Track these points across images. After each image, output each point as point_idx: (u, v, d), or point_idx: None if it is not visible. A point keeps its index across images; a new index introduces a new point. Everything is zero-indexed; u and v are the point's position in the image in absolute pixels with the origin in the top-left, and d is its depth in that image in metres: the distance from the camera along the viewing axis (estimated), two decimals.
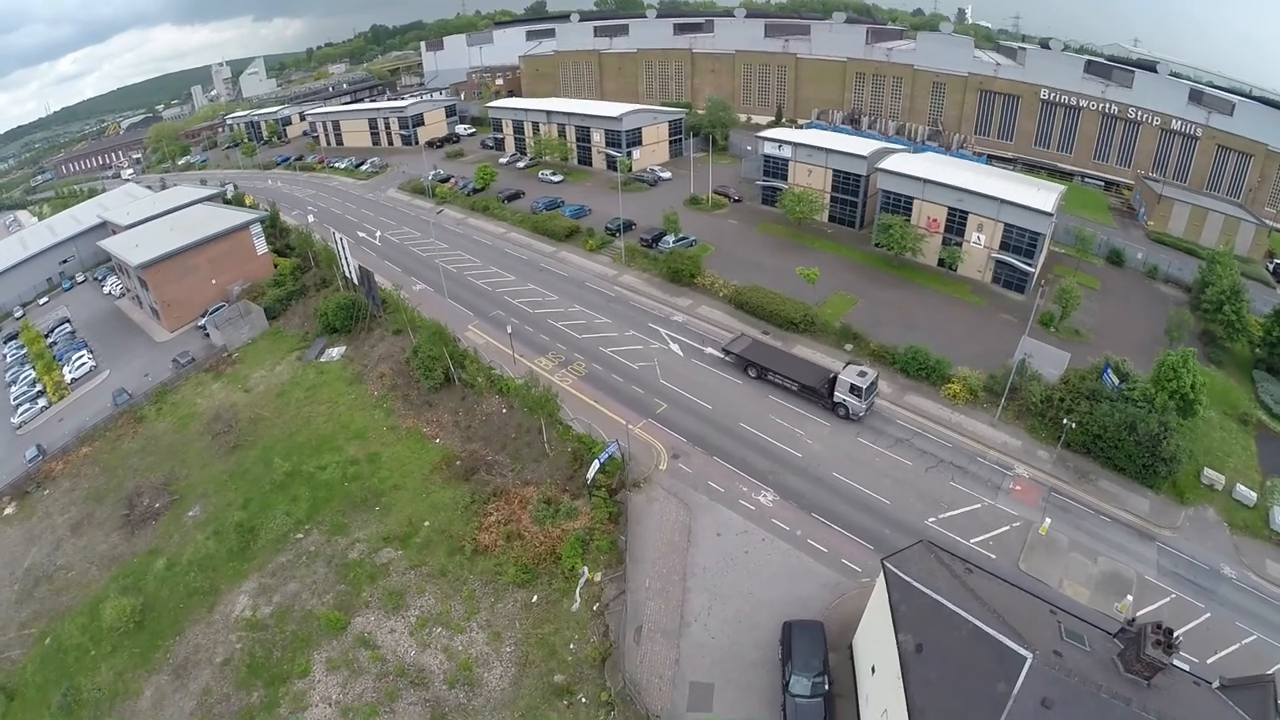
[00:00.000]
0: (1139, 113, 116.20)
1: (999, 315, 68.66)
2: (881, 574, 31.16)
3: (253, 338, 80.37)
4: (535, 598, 41.66)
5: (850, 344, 61.61)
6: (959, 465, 49.29)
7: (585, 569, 42.00)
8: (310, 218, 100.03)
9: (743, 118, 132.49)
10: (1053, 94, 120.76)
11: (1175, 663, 26.07)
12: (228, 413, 65.82)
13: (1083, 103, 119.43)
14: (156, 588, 49.71)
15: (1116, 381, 53.38)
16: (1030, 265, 72.70)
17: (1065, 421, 49.62)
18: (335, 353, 71.89)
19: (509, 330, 59.26)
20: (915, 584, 29.04)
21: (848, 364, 55.58)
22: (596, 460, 45.40)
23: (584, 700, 36.41)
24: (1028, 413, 54.04)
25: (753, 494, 46.39)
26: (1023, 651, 24.40)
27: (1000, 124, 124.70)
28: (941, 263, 77.44)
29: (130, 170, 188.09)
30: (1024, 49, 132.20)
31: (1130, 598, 40.61)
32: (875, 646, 31.76)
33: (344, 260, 76.73)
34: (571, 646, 38.97)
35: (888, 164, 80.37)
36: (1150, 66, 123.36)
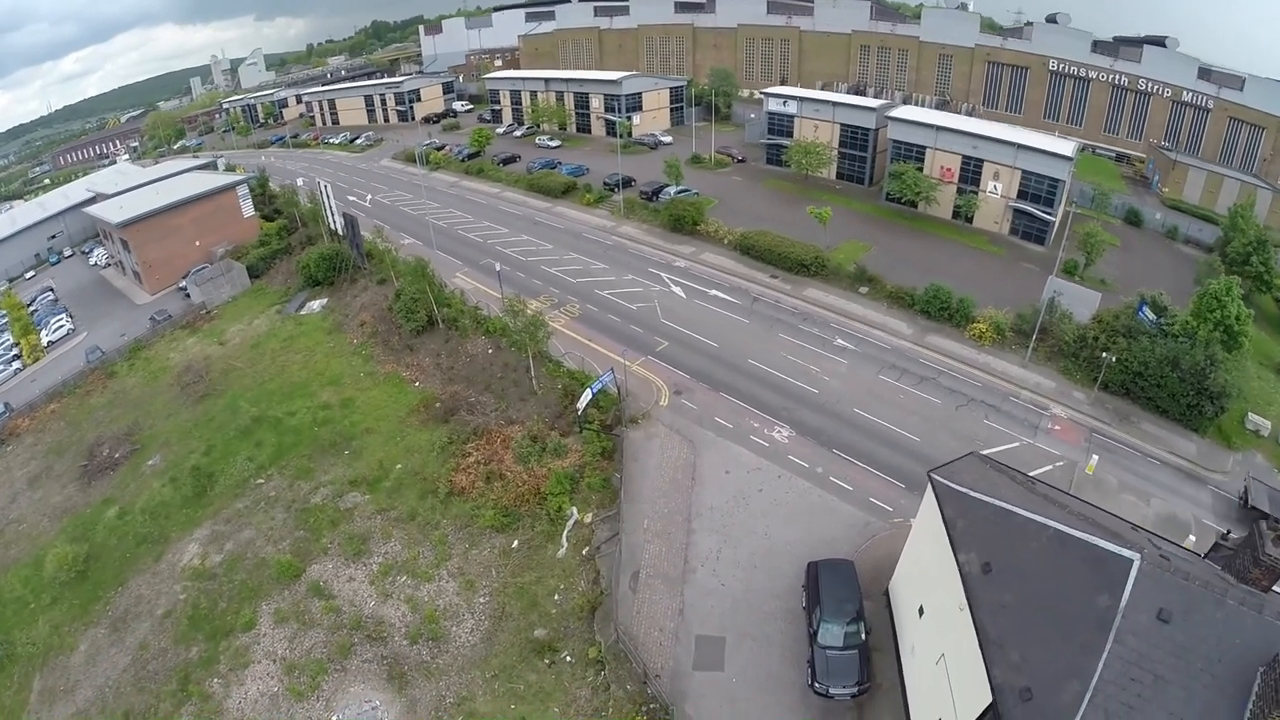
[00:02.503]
0: (1149, 84, 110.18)
1: (1020, 264, 62.54)
2: (929, 488, 24.92)
3: (234, 296, 74.53)
4: (516, 543, 35.36)
5: (865, 286, 55.41)
6: (991, 404, 43.08)
7: (574, 510, 35.70)
8: (300, 181, 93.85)
9: (745, 93, 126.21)
10: (1061, 65, 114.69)
11: None
12: (199, 364, 59.90)
13: (1092, 74, 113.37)
14: (105, 537, 43.77)
15: (1154, 317, 47.59)
16: (1050, 214, 66.63)
17: (1104, 356, 43.55)
18: (316, 305, 65.82)
19: (497, 269, 53.05)
20: (974, 493, 22.79)
21: None
22: (588, 390, 39.13)
23: (569, 658, 30.10)
24: (1060, 354, 47.98)
25: (765, 430, 40.08)
26: (1127, 553, 18.21)
27: (1008, 95, 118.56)
28: (957, 214, 71.15)
29: (126, 156, 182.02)
30: (1030, 24, 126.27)
31: (1193, 538, 34.61)
32: (924, 581, 25.58)
33: (328, 210, 70.75)
34: (556, 597, 32.61)
35: (898, 112, 74.29)
36: (1159, 42, 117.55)
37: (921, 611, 25.05)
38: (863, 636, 27.19)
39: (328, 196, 70.47)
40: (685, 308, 53.44)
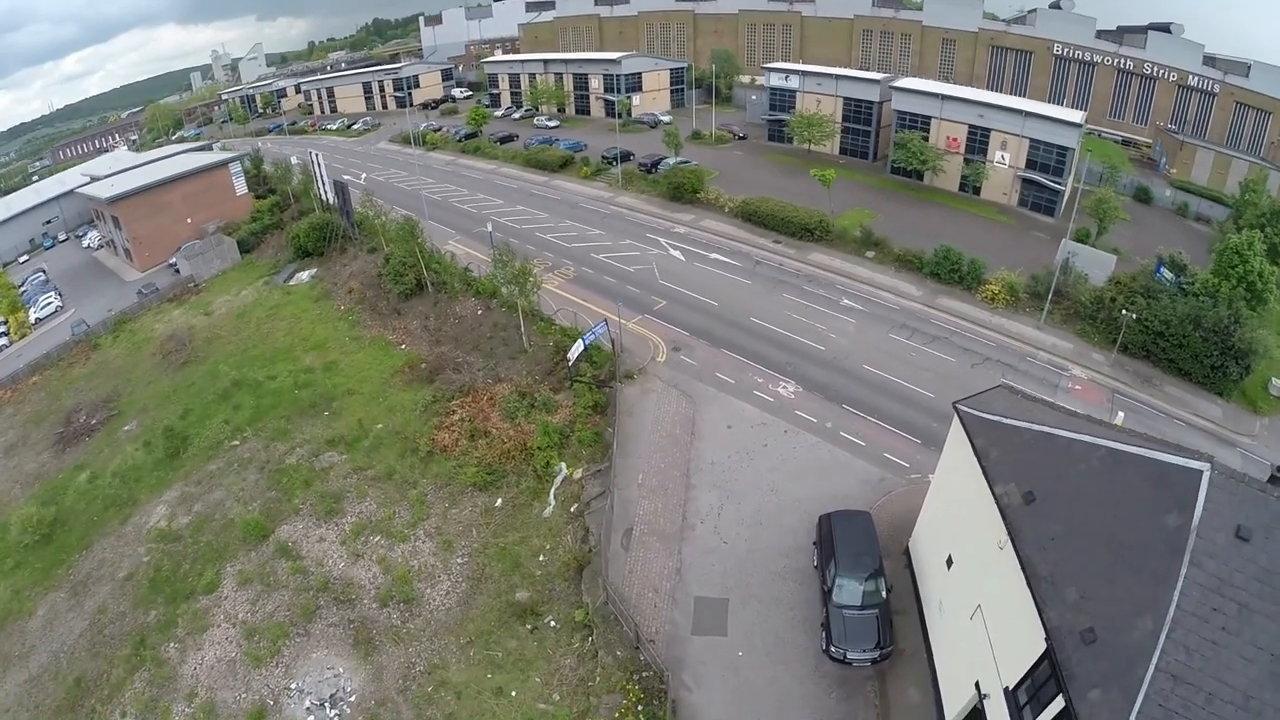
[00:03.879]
0: (1155, 68, 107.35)
1: (1030, 233, 59.64)
2: (954, 421, 22.04)
3: (223, 269, 71.90)
4: (499, 501, 32.34)
5: (872, 250, 52.49)
6: (1007, 364, 40.10)
7: (563, 465, 32.66)
8: (294, 159, 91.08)
9: (747, 78, 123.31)
10: (1066, 49, 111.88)
11: None
12: (183, 333, 57.19)
13: (1097, 58, 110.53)
14: (74, 501, 40.99)
15: (1172, 277, 44.92)
16: (1060, 184, 63.75)
17: (1125, 314, 40.59)
18: (305, 275, 62.94)
19: (488, 229, 50.11)
20: (1009, 420, 19.89)
21: None
22: (580, 341, 36.21)
23: (553, 623, 26.96)
24: (1076, 316, 45.06)
25: (770, 385, 37.08)
26: (1195, 464, 15.32)
27: (1013, 80, 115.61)
28: (964, 187, 68.33)
29: (124, 147, 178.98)
30: (1034, 11, 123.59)
31: None
32: (953, 526, 22.66)
33: (319, 180, 68.07)
34: (541, 558, 29.47)
35: (903, 83, 71.49)
36: (1163, 29, 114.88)
37: (950, 562, 22.07)
38: (883, 594, 23.94)
39: (319, 166, 67.78)
40: (684, 270, 50.50)
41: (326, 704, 25.03)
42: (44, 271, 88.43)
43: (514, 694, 24.92)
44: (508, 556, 29.66)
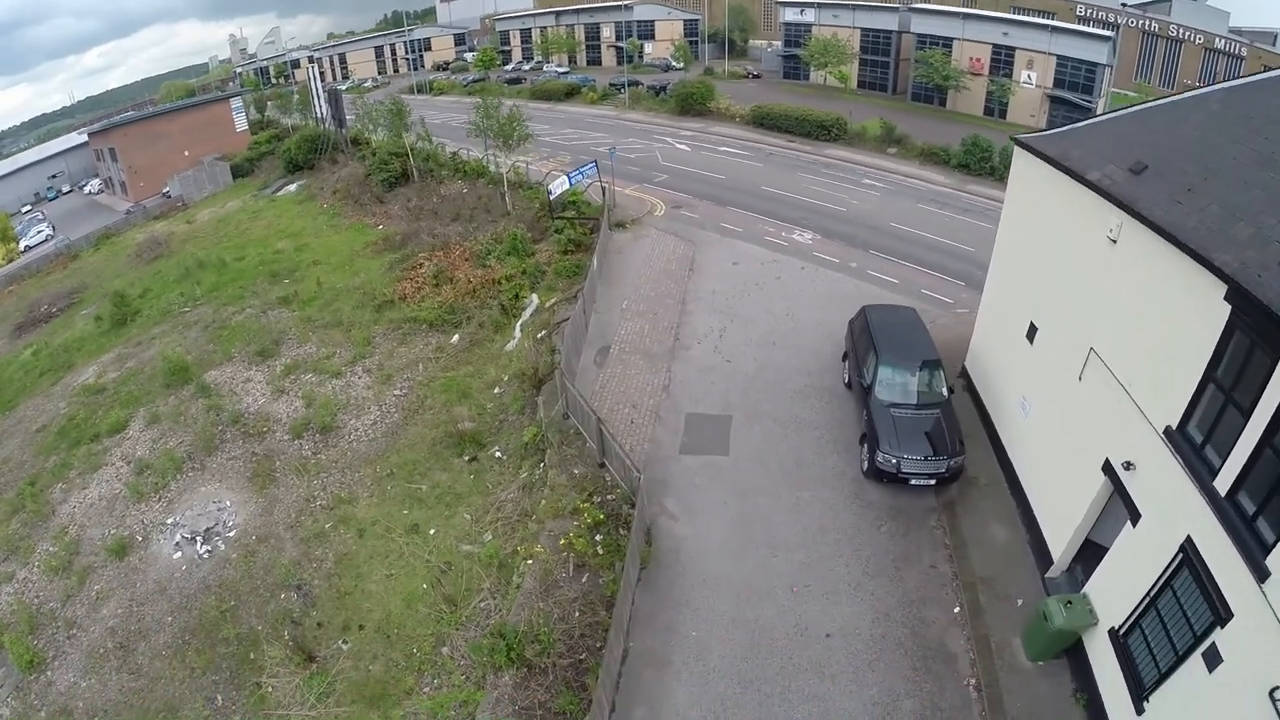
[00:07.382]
0: (1180, 30, 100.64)
1: None
2: (1015, 153, 16.36)
3: (214, 192, 67.35)
4: (456, 337, 26.35)
5: (894, 147, 46.47)
6: None
7: (534, 296, 26.78)
8: (295, 96, 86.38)
9: (761, 43, 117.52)
10: (1089, 10, 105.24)
11: None
12: (162, 236, 52.50)
13: (1120, 19, 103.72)
14: (13, 373, 36.00)
15: None
16: (1090, 102, 57.45)
17: None
18: (293, 187, 57.92)
19: (472, 107, 44.56)
20: (1089, 120, 14.19)
21: None
22: (564, 178, 30.50)
23: (499, 454, 20.27)
24: None
25: (783, 234, 30.83)
26: None
27: None
28: (989, 111, 62.30)
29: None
30: None
31: None
32: (1032, 278, 16.28)
33: (314, 95, 63.22)
34: (496, 390, 22.86)
35: (922, 4, 65.64)
36: None
37: (1033, 331, 15.72)
38: (943, 392, 17.13)
39: (314, 79, 62.83)
40: (690, 155, 44.56)
41: (199, 538, 19.26)
42: (42, 213, 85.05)
43: (433, 532, 18.50)
44: (455, 387, 23.34)
